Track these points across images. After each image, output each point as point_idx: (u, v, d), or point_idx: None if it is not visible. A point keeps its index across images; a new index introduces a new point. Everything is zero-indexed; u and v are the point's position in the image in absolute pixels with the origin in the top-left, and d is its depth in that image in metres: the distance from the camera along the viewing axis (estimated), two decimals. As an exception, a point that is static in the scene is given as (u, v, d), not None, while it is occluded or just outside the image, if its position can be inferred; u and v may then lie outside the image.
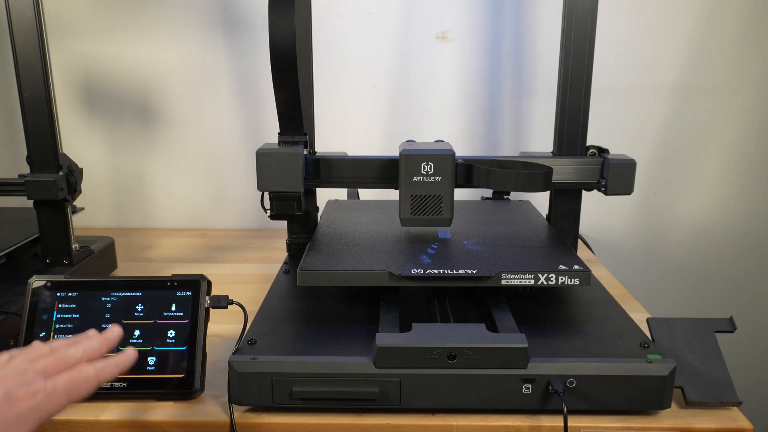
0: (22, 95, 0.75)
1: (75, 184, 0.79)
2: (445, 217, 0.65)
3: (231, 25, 1.06)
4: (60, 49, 1.06)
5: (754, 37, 1.04)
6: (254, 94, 1.09)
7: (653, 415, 0.54)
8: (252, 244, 1.05)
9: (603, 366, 0.52)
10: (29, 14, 0.73)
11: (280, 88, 0.63)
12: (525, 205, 0.89)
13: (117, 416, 0.55)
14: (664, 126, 1.09)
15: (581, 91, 0.75)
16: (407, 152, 0.64)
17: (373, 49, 1.07)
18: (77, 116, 1.11)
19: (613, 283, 0.84)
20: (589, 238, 1.11)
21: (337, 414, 0.54)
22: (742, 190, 1.12)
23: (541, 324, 0.61)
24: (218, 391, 0.58)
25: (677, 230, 1.14)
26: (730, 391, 0.54)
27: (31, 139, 0.76)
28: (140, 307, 0.58)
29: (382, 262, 0.62)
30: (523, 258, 0.63)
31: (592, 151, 0.76)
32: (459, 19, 1.05)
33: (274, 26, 0.60)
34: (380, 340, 0.53)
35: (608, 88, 1.06)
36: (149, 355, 0.57)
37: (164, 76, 1.09)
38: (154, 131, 1.12)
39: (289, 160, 0.65)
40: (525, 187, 0.67)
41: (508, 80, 1.08)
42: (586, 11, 0.73)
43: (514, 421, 0.53)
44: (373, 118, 1.10)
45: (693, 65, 1.06)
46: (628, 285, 0.85)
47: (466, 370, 0.52)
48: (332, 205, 0.88)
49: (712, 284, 1.17)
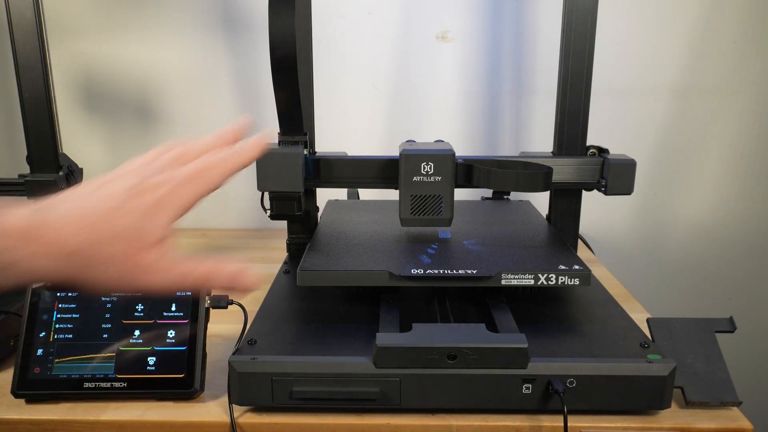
0: (22, 95, 0.75)
1: (75, 184, 0.79)
2: (445, 217, 0.65)
3: (231, 25, 1.06)
4: (60, 49, 1.06)
5: (754, 37, 1.04)
6: (254, 94, 1.09)
7: (653, 415, 0.54)
8: (252, 244, 1.05)
9: (603, 366, 0.52)
10: (29, 14, 0.73)
11: (280, 88, 0.63)
12: (525, 205, 0.89)
13: (117, 416, 0.55)
14: (664, 126, 1.09)
15: (581, 91, 0.75)
16: (407, 152, 0.64)
17: (373, 49, 1.07)
18: (77, 116, 1.11)
19: (613, 283, 0.84)
20: (589, 238, 1.11)
21: (337, 414, 0.54)
22: (742, 190, 1.12)
23: (541, 324, 0.61)
24: (218, 391, 0.58)
25: (677, 230, 1.14)
26: (730, 391, 0.54)
27: (31, 139, 0.76)
28: (140, 307, 0.58)
29: (382, 262, 0.62)
30: (523, 258, 0.63)
31: (592, 151, 0.76)
32: (459, 19, 1.05)
33: (274, 26, 0.60)
34: (380, 340, 0.53)
35: (608, 88, 1.06)
36: (149, 355, 0.57)
37: (164, 76, 1.09)
38: (154, 131, 1.12)
39: (289, 160, 0.65)
40: (525, 187, 0.67)
41: (508, 80, 1.08)
42: (586, 11, 0.73)
43: (514, 421, 0.53)
44: (373, 118, 1.10)
45: (693, 65, 1.06)
46: (628, 285, 0.85)
47: (466, 370, 0.52)
48: (332, 205, 0.88)
49: (712, 284, 1.17)
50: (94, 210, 0.37)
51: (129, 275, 0.38)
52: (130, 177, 0.39)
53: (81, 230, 0.36)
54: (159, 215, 0.38)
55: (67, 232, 0.36)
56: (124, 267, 0.37)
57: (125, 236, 0.37)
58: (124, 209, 0.38)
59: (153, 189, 0.39)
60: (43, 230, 0.36)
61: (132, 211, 0.38)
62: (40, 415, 0.55)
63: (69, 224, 0.36)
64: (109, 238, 0.37)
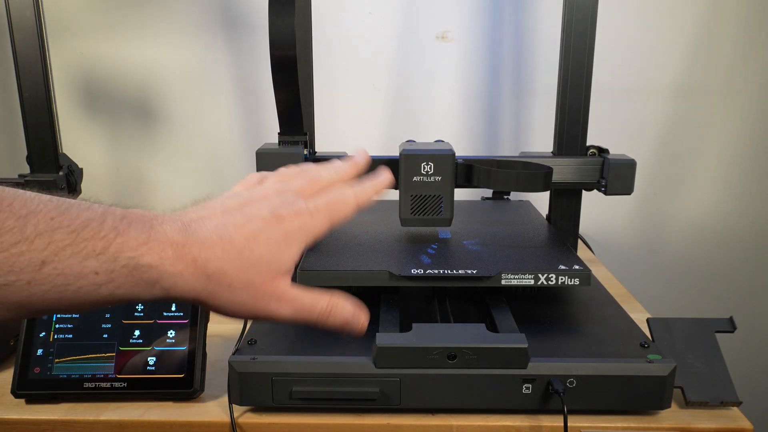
0: (22, 95, 0.75)
1: (75, 184, 0.79)
2: (445, 217, 0.65)
3: (231, 25, 1.06)
4: (60, 49, 1.06)
5: (754, 37, 1.04)
6: (254, 94, 1.09)
7: (653, 415, 0.54)
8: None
9: (603, 366, 0.52)
10: (29, 14, 0.73)
11: (280, 88, 0.63)
12: (525, 205, 0.89)
13: (117, 416, 0.55)
14: (664, 126, 1.09)
15: (581, 91, 0.75)
16: (407, 152, 0.64)
17: (373, 49, 1.07)
18: (77, 116, 1.11)
19: (613, 283, 0.84)
20: (589, 238, 1.11)
21: (337, 414, 0.54)
22: (742, 190, 1.12)
23: (541, 324, 0.61)
24: (218, 391, 0.58)
25: (677, 230, 1.14)
26: (730, 391, 0.54)
27: (31, 139, 0.76)
28: (140, 307, 0.58)
29: (382, 262, 0.62)
30: (523, 258, 0.63)
31: (592, 151, 0.76)
32: (459, 19, 1.05)
33: (274, 26, 0.60)
34: (380, 340, 0.53)
35: (608, 88, 1.06)
36: (149, 355, 0.57)
37: (164, 76, 1.09)
38: (154, 131, 1.12)
39: (289, 160, 0.65)
40: (525, 187, 0.67)
41: (508, 80, 1.08)
42: (586, 11, 0.73)
43: (514, 421, 0.53)
44: (373, 118, 1.10)
45: (693, 65, 1.06)
46: (628, 285, 0.85)
47: (466, 370, 0.52)
48: (332, 205, 0.88)
49: (712, 284, 1.17)
50: (238, 233, 0.37)
51: (260, 302, 0.37)
52: (268, 201, 0.39)
53: (225, 254, 0.36)
54: (294, 244, 0.38)
55: (212, 254, 0.35)
56: (257, 293, 0.37)
57: (263, 263, 0.37)
58: (264, 236, 0.37)
59: (291, 218, 0.38)
60: (190, 248, 0.35)
61: (271, 239, 0.37)
62: (40, 415, 0.55)
63: (215, 246, 0.36)
64: (248, 263, 0.36)
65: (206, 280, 0.35)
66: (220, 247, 0.36)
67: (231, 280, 0.36)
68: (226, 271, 0.36)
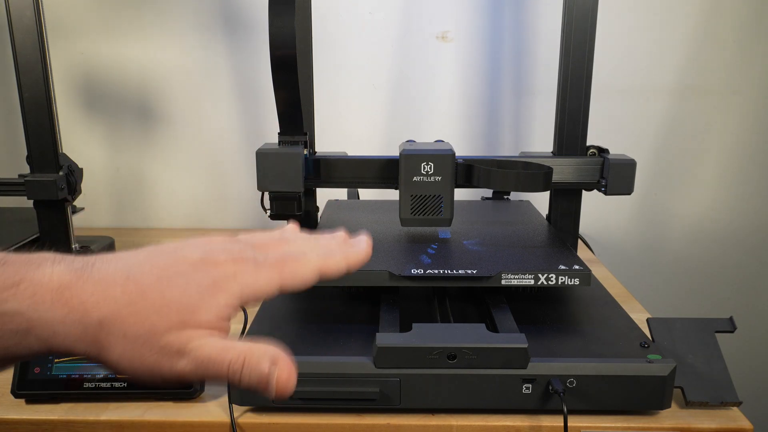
0: (22, 95, 0.75)
1: (75, 184, 0.79)
2: (445, 217, 0.65)
3: (231, 25, 1.06)
4: (60, 49, 1.06)
5: (754, 37, 1.04)
6: (254, 94, 1.09)
7: (653, 415, 0.54)
8: (252, 244, 1.05)
9: (603, 366, 0.52)
10: (29, 14, 0.73)
11: (280, 88, 0.63)
12: (525, 205, 0.89)
13: (117, 416, 0.55)
14: (664, 126, 1.09)
15: (581, 91, 0.75)
16: (407, 152, 0.64)
17: (373, 49, 1.07)
18: (77, 116, 1.11)
19: (613, 283, 0.84)
20: (589, 238, 1.11)
21: (337, 414, 0.54)
22: (742, 190, 1.12)
23: (541, 324, 0.61)
24: (218, 391, 0.58)
25: (677, 230, 1.14)
26: (730, 391, 0.54)
27: (31, 139, 0.76)
28: (140, 307, 0.58)
29: (382, 262, 0.62)
30: (523, 258, 0.63)
31: (592, 151, 0.76)
32: (459, 19, 1.05)
33: (274, 26, 0.60)
34: (380, 340, 0.53)
35: (608, 88, 1.06)
36: (149, 355, 0.56)
37: (164, 76, 1.09)
38: (154, 131, 1.12)
39: (289, 160, 0.65)
40: (525, 187, 0.67)
41: (508, 80, 1.08)
42: (586, 11, 0.73)
43: (514, 421, 0.53)
44: (373, 118, 1.10)
45: (693, 65, 1.06)
46: (628, 285, 0.85)
47: (466, 370, 0.52)
48: (332, 205, 0.88)
49: (712, 284, 1.17)
50: (151, 273, 0.31)
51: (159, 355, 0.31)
52: (210, 246, 0.34)
53: (124, 295, 0.31)
54: (220, 294, 0.32)
55: (108, 295, 0.30)
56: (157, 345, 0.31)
57: (171, 308, 0.31)
58: (183, 279, 0.32)
59: (226, 263, 0.33)
60: (79, 290, 0.30)
61: (191, 283, 0.32)
62: (40, 415, 0.55)
63: (113, 287, 0.31)
64: (153, 308, 0.31)
65: (96, 327, 0.30)
66: (120, 288, 0.31)
67: (126, 328, 0.30)
68: (122, 317, 0.30)
